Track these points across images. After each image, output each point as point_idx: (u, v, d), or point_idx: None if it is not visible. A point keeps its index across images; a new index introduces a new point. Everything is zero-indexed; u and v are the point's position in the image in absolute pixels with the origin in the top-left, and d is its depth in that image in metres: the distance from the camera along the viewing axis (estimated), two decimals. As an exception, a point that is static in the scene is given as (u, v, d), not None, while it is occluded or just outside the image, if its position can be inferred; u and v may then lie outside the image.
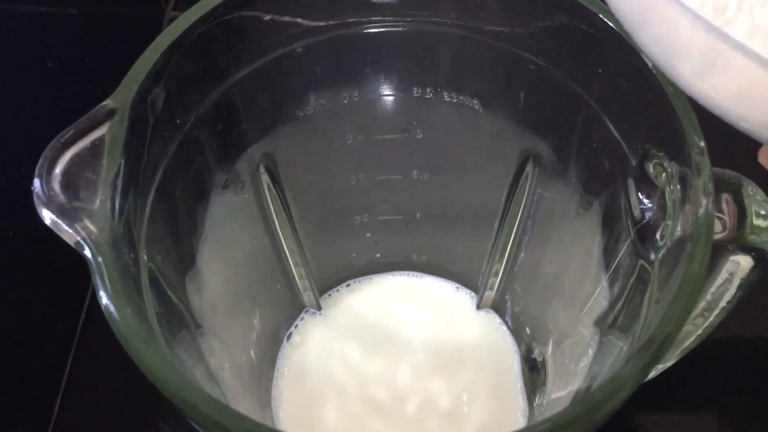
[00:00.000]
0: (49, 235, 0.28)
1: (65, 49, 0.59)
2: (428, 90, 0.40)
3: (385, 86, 0.41)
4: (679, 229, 0.27)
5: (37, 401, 0.44)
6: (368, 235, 0.47)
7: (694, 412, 0.45)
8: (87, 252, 0.26)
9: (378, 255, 0.48)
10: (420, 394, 0.43)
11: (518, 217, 0.42)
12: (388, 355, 0.44)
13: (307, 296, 0.46)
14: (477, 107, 0.39)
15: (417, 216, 0.47)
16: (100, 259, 0.25)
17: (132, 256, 0.29)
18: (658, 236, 0.30)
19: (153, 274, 0.31)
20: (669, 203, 0.29)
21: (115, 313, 0.25)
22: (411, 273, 0.49)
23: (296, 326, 0.46)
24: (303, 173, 0.43)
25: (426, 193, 0.45)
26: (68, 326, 0.47)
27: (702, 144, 0.27)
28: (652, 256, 0.29)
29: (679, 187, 0.28)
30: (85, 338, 0.47)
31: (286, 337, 0.46)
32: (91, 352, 0.46)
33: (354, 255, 0.48)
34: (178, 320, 0.33)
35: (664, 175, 0.29)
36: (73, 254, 0.28)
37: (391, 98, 0.41)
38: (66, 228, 0.27)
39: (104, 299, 0.26)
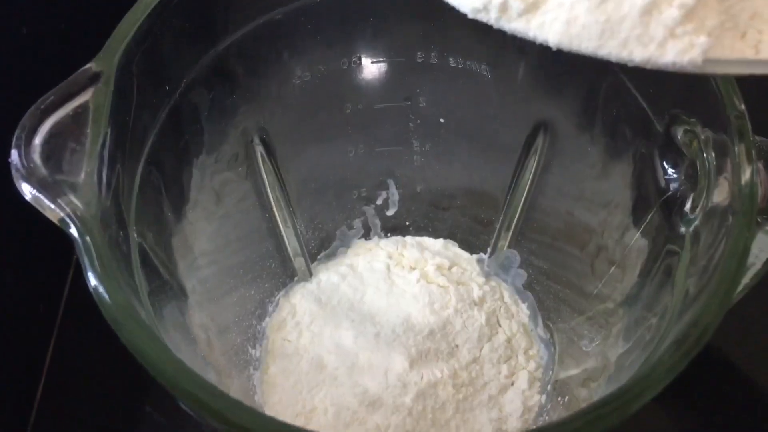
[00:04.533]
0: (26, 209, 0.25)
1: (40, 14, 0.56)
2: (433, 55, 0.38)
3: (386, 51, 0.38)
4: (714, 200, 0.26)
5: (20, 384, 0.42)
6: (366, 208, 0.45)
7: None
8: (73, 230, 0.23)
9: (376, 227, 0.46)
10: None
11: (527, 189, 0.40)
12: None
13: (299, 265, 0.43)
14: (486, 73, 0.37)
15: (417, 189, 0.45)
16: (87, 238, 0.23)
17: (122, 233, 0.26)
18: (687, 208, 0.28)
19: (144, 252, 0.29)
20: (701, 173, 0.27)
21: (107, 297, 0.23)
22: (410, 237, 0.46)
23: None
24: (299, 144, 0.41)
25: (428, 164, 0.43)
26: (50, 307, 0.45)
27: (742, 107, 0.25)
28: (682, 230, 0.28)
29: (714, 155, 0.26)
30: (68, 318, 0.45)
31: (276, 307, 0.43)
32: (75, 332, 0.44)
33: (351, 228, 0.45)
34: (169, 296, 0.31)
35: (695, 142, 0.27)
36: (54, 229, 0.25)
37: (393, 64, 0.39)
38: (48, 203, 0.24)
39: (93, 281, 0.23)
